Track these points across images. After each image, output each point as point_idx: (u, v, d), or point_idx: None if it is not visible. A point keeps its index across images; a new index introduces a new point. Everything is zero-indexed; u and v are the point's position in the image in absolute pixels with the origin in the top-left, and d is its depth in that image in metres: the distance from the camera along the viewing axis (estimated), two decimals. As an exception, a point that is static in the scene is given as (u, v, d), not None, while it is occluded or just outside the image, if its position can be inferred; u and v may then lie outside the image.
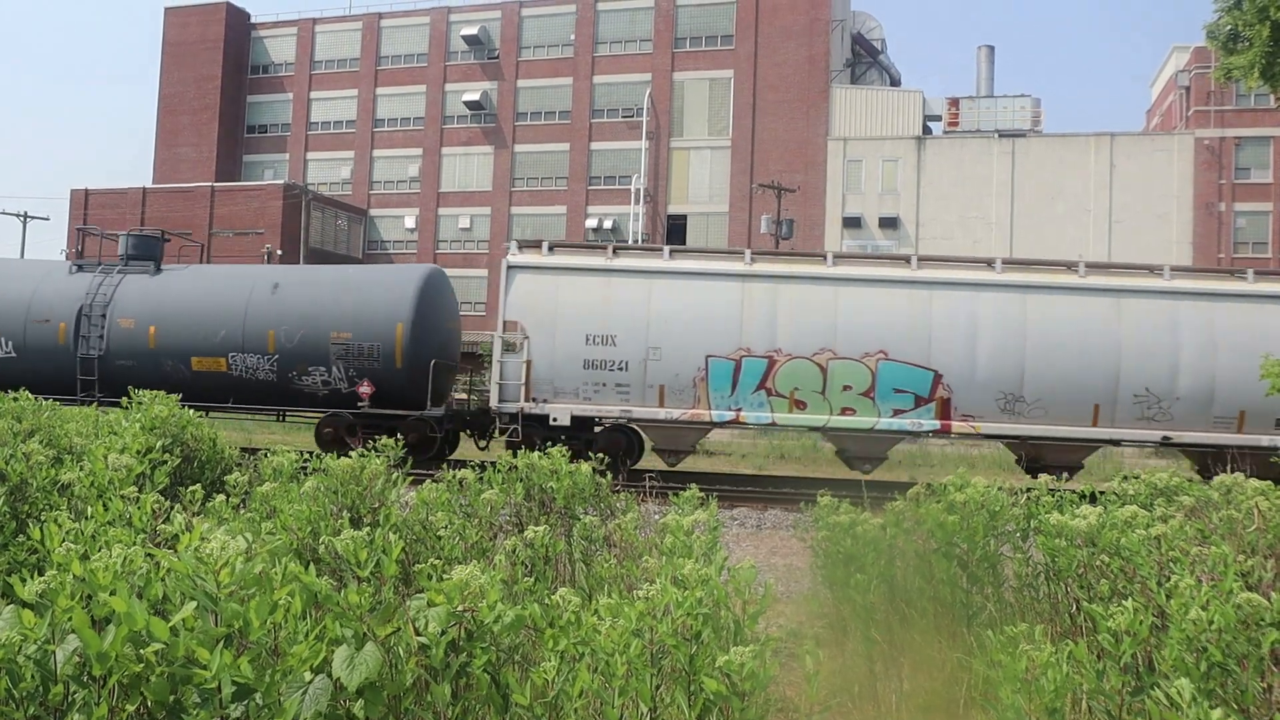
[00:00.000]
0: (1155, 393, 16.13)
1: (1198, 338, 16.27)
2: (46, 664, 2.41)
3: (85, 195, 53.61)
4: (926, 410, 16.00)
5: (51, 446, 6.20)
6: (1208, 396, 16.16)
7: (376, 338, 17.34)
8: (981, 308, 16.11)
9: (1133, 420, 16.14)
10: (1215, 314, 16.44)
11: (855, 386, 15.97)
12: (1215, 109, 44.75)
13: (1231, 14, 18.60)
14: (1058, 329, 16.09)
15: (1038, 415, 15.99)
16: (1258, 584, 3.81)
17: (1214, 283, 16.99)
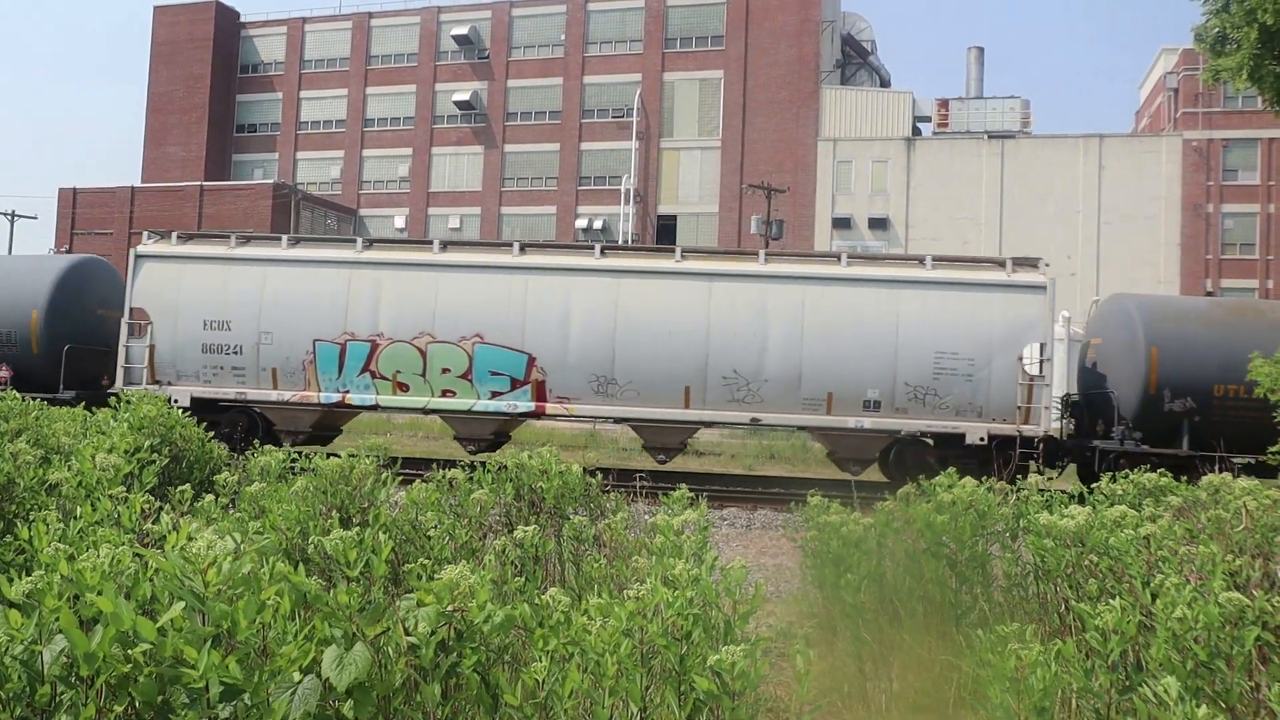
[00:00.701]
0: (743, 375, 16.34)
1: (786, 321, 16.45)
2: (33, 664, 2.40)
3: (73, 194, 53.34)
4: (523, 392, 16.41)
5: (39, 446, 6.17)
6: (795, 378, 16.35)
7: (14, 325, 18.20)
8: (575, 293, 16.46)
9: (724, 402, 16.35)
10: (805, 297, 16.58)
11: (454, 369, 16.45)
12: (1203, 111, 45.02)
13: (1219, 16, 18.68)
14: (648, 313, 16.39)
15: (630, 397, 16.32)
16: (1245, 583, 3.83)
17: (804, 266, 17.16)
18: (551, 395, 16.35)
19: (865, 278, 16.69)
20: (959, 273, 16.91)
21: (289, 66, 58.52)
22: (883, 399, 16.36)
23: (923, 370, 16.28)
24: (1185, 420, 16.27)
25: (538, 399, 16.34)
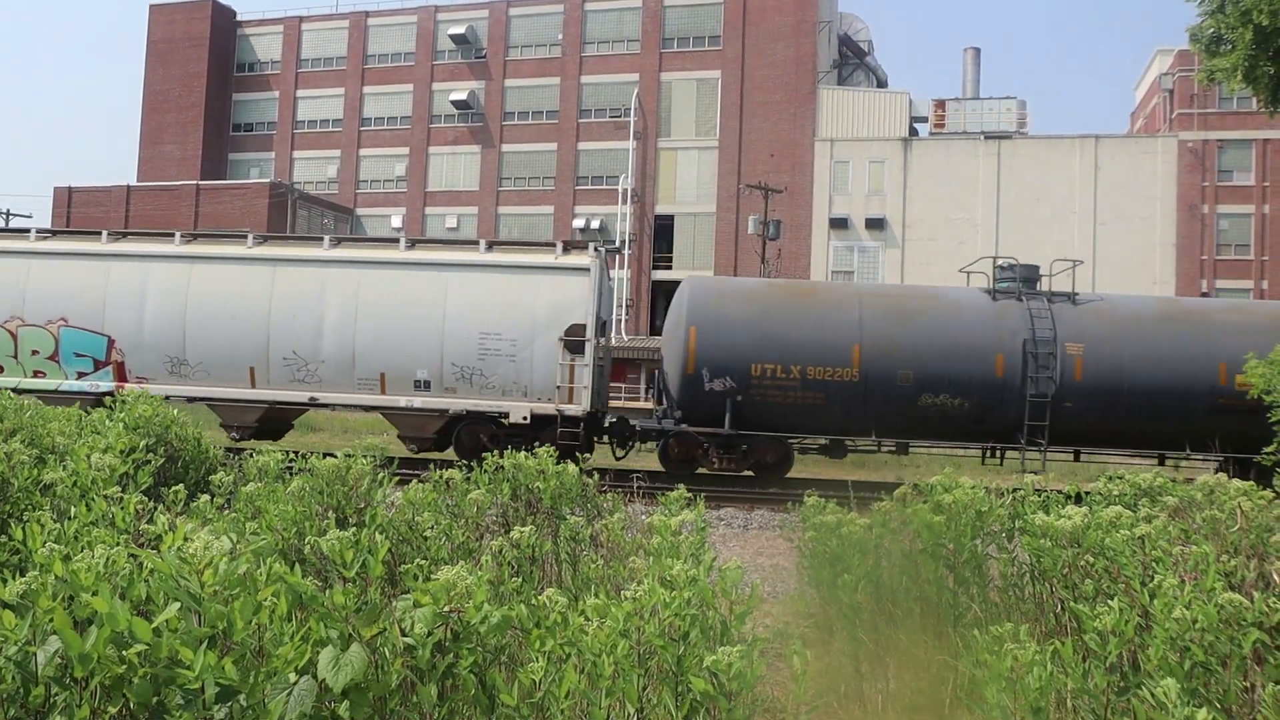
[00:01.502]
0: (302, 355, 17.26)
1: (341, 304, 17.33)
2: (27, 665, 2.39)
3: (69, 193, 53.24)
4: (105, 373, 17.51)
5: (34, 446, 6.15)
6: (350, 359, 17.20)
7: None
8: (151, 279, 17.44)
9: (286, 382, 17.28)
10: (361, 281, 17.41)
11: (42, 351, 17.63)
12: (1198, 112, 45.11)
13: (1215, 17, 18.70)
14: (217, 298, 17.41)
15: (201, 377, 17.37)
16: (1240, 584, 3.83)
17: (360, 251, 18.06)
18: (131, 375, 17.42)
19: (417, 262, 17.57)
20: (507, 256, 17.68)
21: (286, 65, 58.44)
22: (432, 379, 17.08)
23: (468, 351, 16.97)
24: (727, 399, 16.51)
25: (119, 379, 17.42)
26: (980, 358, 16.51)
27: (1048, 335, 16.62)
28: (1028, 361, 16.50)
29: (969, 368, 16.46)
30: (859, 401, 16.44)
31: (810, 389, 16.45)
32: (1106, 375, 16.52)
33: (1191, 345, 16.59)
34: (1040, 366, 16.53)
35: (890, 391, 16.39)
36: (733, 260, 49.06)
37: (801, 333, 16.55)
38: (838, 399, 16.42)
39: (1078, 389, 16.50)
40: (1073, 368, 16.55)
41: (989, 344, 16.61)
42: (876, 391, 16.40)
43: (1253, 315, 17.24)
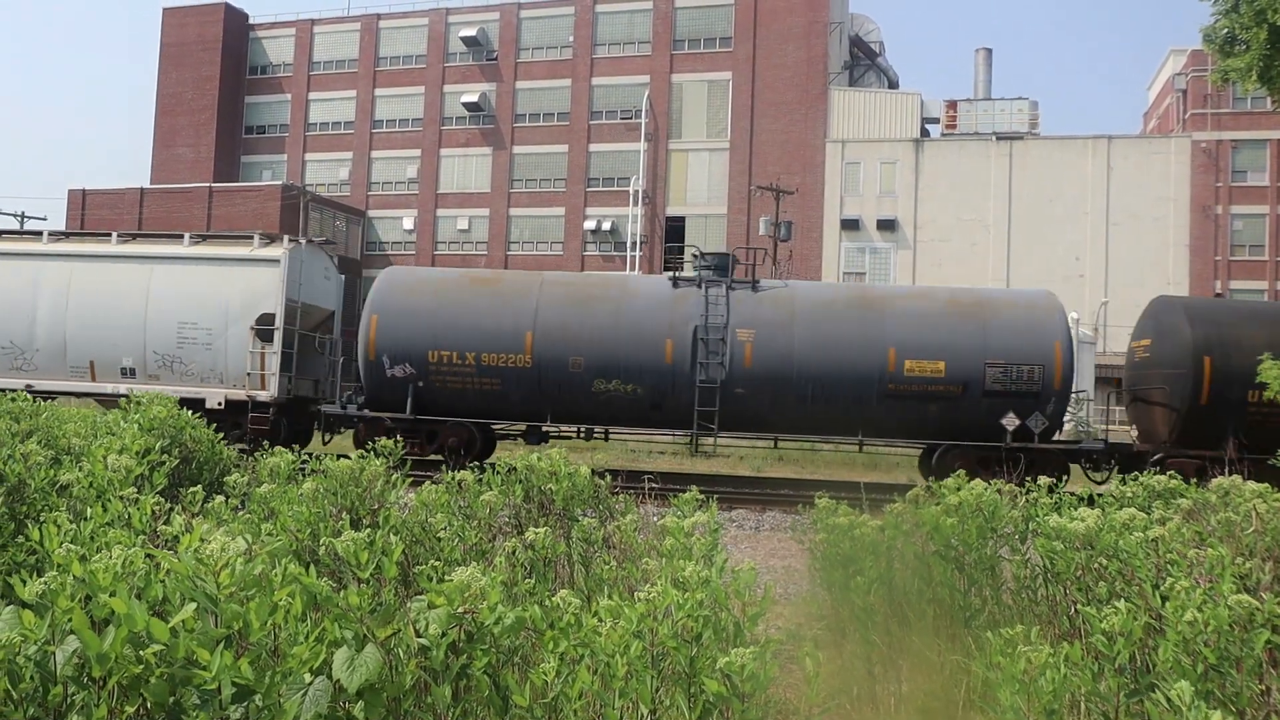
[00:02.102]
0: (19, 345, 18.53)
1: (55, 295, 18.40)
2: (46, 665, 2.41)
3: (82, 196, 53.55)
4: None
5: (50, 447, 6.19)
6: (62, 348, 18.35)
7: None
8: None
9: (7, 370, 18.43)
10: (73, 273, 18.52)
11: None
12: (1212, 112, 44.85)
13: (1229, 17, 18.60)
14: None
15: None
16: (1255, 586, 3.82)
17: (74, 245, 19.31)
18: None
19: (124, 255, 18.75)
20: (205, 249, 18.82)
21: (298, 68, 58.67)
22: (137, 366, 18.22)
23: (168, 339, 18.09)
24: (409, 385, 17.11)
25: None
26: (651, 344, 16.75)
27: (719, 321, 16.74)
28: (698, 348, 16.64)
29: (640, 354, 16.72)
30: (534, 387, 16.89)
31: (486, 375, 16.98)
32: (777, 361, 16.60)
33: (863, 331, 16.64)
34: (710, 353, 16.64)
35: (563, 377, 16.75)
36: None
37: (477, 321, 17.09)
38: (514, 385, 16.91)
39: (748, 375, 16.61)
40: (743, 354, 16.66)
41: (660, 331, 16.83)
42: (550, 377, 16.78)
43: (929, 301, 17.32)
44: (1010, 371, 16.15)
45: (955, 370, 16.23)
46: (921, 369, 16.29)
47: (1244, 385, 15.92)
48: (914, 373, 16.30)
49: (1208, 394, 16.15)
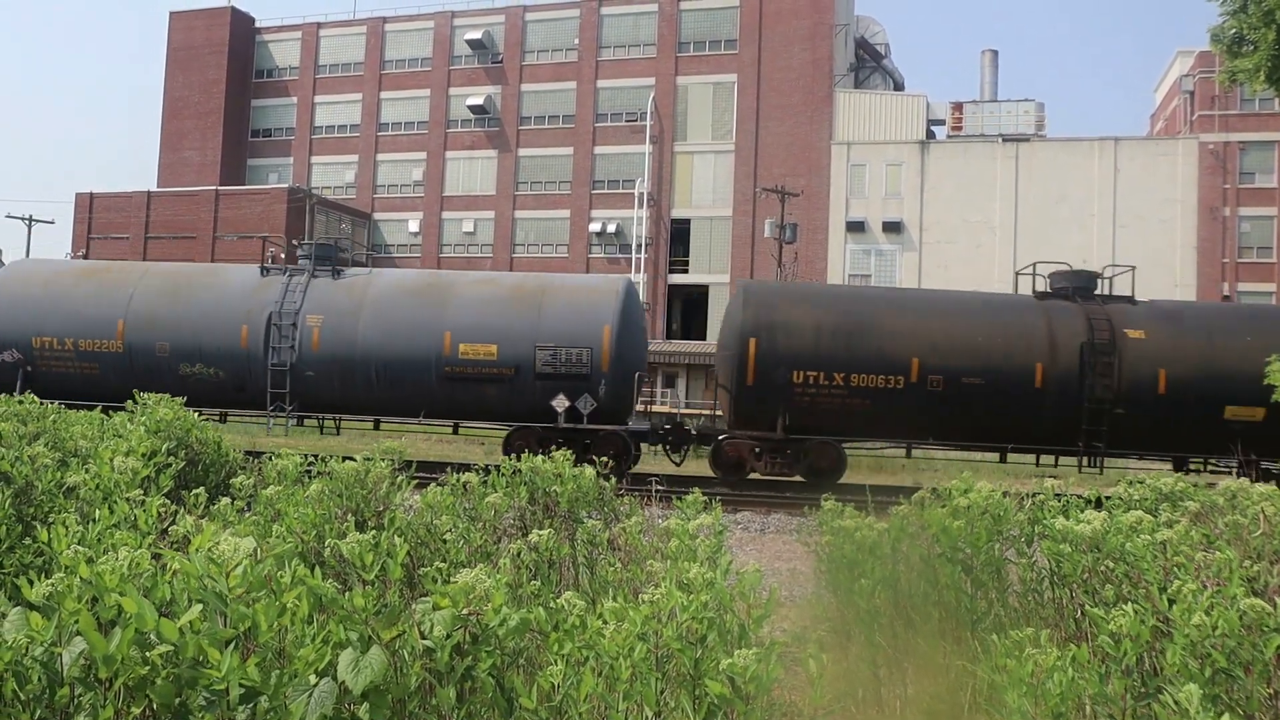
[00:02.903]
0: None
1: None
2: (53, 666, 2.42)
3: (90, 199, 53.75)
4: None
5: (57, 449, 6.21)
6: None
7: None
8: None
9: None
10: None
11: None
12: (1219, 113, 44.74)
13: (1237, 17, 18.57)
14: None
15: None
16: (1264, 589, 3.80)
17: None
18: None
19: None
20: None
21: (304, 71, 58.83)
22: None
23: None
24: (20, 370, 18.34)
25: None
26: (229, 330, 18.05)
27: (292, 308, 17.93)
28: (271, 333, 17.84)
29: (219, 339, 18.03)
30: (127, 370, 18.18)
31: (86, 360, 18.47)
32: (343, 346, 17.72)
33: (424, 317, 17.58)
34: (283, 337, 17.82)
35: (151, 362, 18.14)
36: (749, 263, 49.00)
37: (75, 309, 18.59)
38: (111, 369, 18.35)
39: (316, 358, 17.77)
40: (311, 339, 17.83)
41: (238, 317, 18.16)
42: (140, 362, 18.15)
43: (494, 287, 18.47)
44: (559, 355, 17.08)
45: (507, 353, 17.19)
46: (475, 352, 17.33)
47: (790, 366, 16.54)
48: (469, 356, 17.30)
49: (754, 374, 16.70)
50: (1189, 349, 16.67)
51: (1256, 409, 16.12)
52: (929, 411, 16.61)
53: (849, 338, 16.76)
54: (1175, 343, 16.77)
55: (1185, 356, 16.60)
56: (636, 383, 17.62)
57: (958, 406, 16.57)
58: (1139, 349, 16.73)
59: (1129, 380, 16.58)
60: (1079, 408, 16.48)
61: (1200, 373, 16.48)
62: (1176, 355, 16.64)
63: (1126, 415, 16.57)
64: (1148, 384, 16.54)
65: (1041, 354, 16.71)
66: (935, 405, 16.55)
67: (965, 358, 16.57)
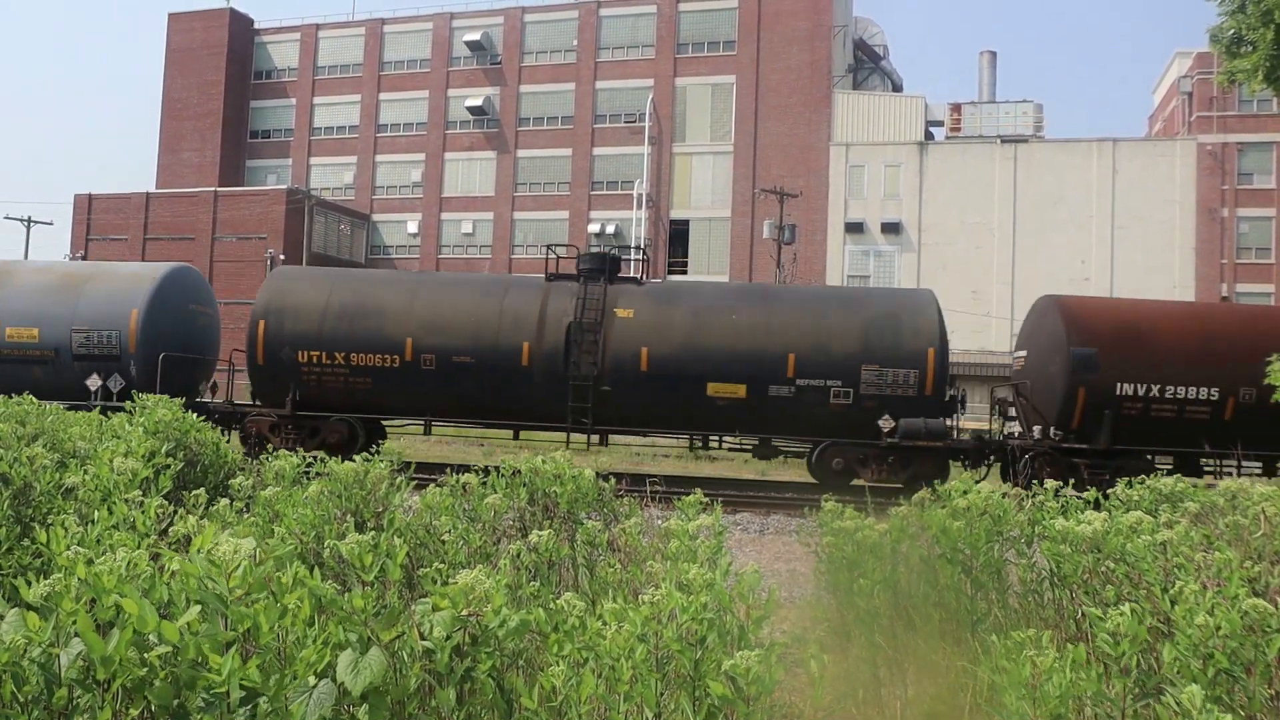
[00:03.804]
0: None
1: None
2: (51, 667, 2.41)
3: (89, 200, 53.71)
4: None
5: (55, 450, 6.20)
6: None
7: None
8: None
9: None
10: None
11: None
12: (1218, 114, 44.79)
13: (1235, 18, 18.58)
14: None
15: None
16: (1264, 590, 3.80)
17: None
18: None
19: None
20: None
21: (302, 72, 58.83)
22: None
23: None
24: None
25: None
26: None
27: None
28: None
29: None
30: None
31: None
32: None
33: None
34: None
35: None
36: (748, 265, 49.03)
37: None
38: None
39: None
40: None
41: None
42: None
43: (47, 275, 19.44)
44: (92, 337, 18.36)
45: (48, 336, 18.48)
46: (20, 335, 18.56)
47: (295, 347, 17.35)
48: (15, 339, 18.52)
49: (263, 355, 17.52)
50: (674, 328, 16.99)
51: (738, 386, 16.58)
52: (424, 389, 17.28)
53: (351, 320, 17.47)
54: (660, 322, 17.10)
55: (670, 335, 16.94)
56: (160, 364, 18.52)
57: (450, 384, 17.17)
58: (624, 328, 17.13)
59: (613, 358, 17.02)
60: (565, 385, 17.03)
61: (684, 351, 16.83)
62: (660, 334, 16.98)
63: (612, 392, 16.99)
64: (631, 362, 16.92)
65: (530, 334, 17.20)
66: (429, 383, 17.21)
67: (455, 337, 17.20)
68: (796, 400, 16.49)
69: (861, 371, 16.37)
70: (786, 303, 17.49)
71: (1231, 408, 16.34)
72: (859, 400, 16.45)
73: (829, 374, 16.43)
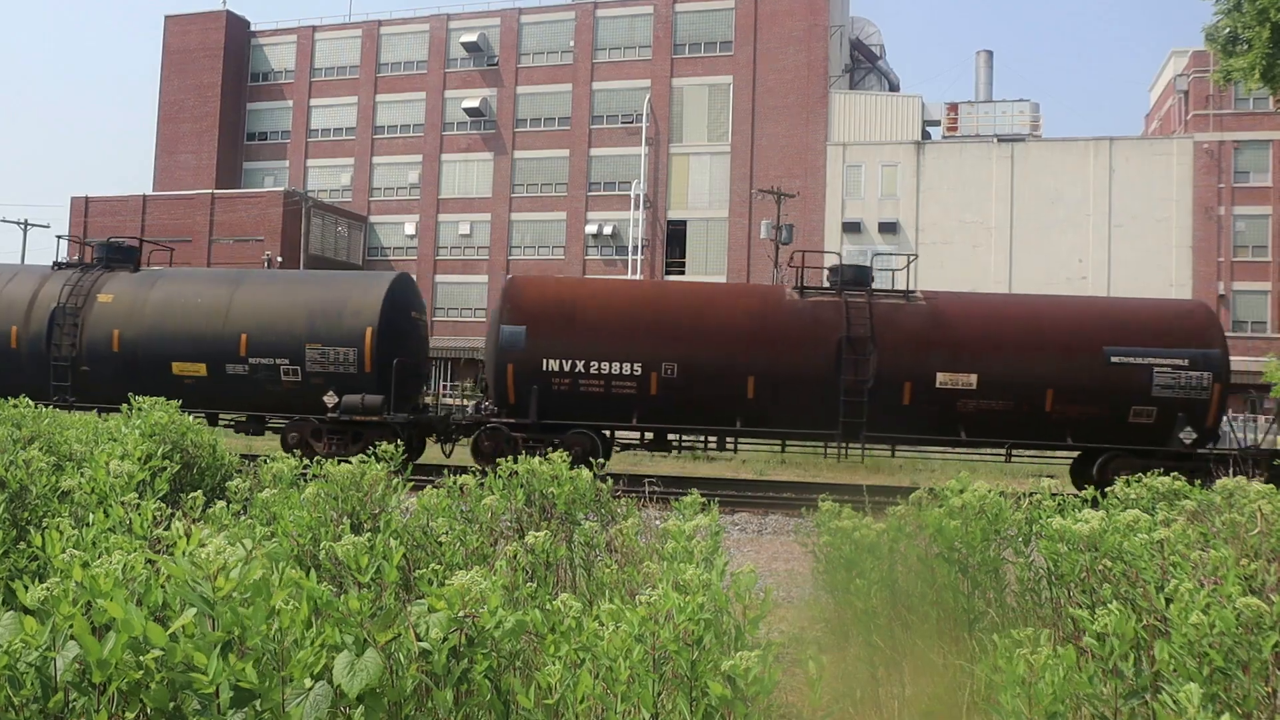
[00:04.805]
0: None
1: None
2: (47, 671, 2.41)
3: (85, 203, 53.68)
4: None
5: (51, 453, 6.19)
6: None
7: None
8: None
9: None
10: None
11: None
12: (1214, 113, 44.84)
13: (1231, 16, 18.60)
14: None
15: None
16: (1261, 588, 3.80)
17: None
18: None
19: None
20: None
21: (299, 74, 58.80)
22: None
23: None
24: None
25: None
26: None
27: None
28: None
29: None
30: None
31: None
32: None
33: None
34: None
35: None
36: (745, 265, 49.03)
37: None
38: None
39: None
40: None
41: None
42: None
43: None
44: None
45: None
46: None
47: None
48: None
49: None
50: (146, 313, 18.43)
51: (199, 365, 17.97)
52: None
53: None
54: (134, 306, 18.49)
55: (141, 319, 18.34)
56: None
57: None
58: (102, 312, 18.61)
59: (89, 340, 18.53)
60: (47, 366, 18.71)
61: (152, 333, 18.24)
62: (133, 318, 18.39)
63: (91, 371, 18.52)
64: (105, 343, 18.39)
65: (18, 319, 18.90)
66: None
67: None
68: (251, 378, 17.75)
69: (306, 350, 17.48)
70: (246, 287, 18.62)
71: (655, 382, 16.87)
72: (307, 377, 17.53)
73: (278, 353, 17.64)
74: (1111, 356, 16.45)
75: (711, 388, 16.75)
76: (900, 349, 16.72)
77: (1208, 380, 16.22)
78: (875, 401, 16.50)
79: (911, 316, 17.19)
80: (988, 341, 16.72)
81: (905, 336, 16.84)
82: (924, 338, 16.82)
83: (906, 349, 16.74)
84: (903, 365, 16.61)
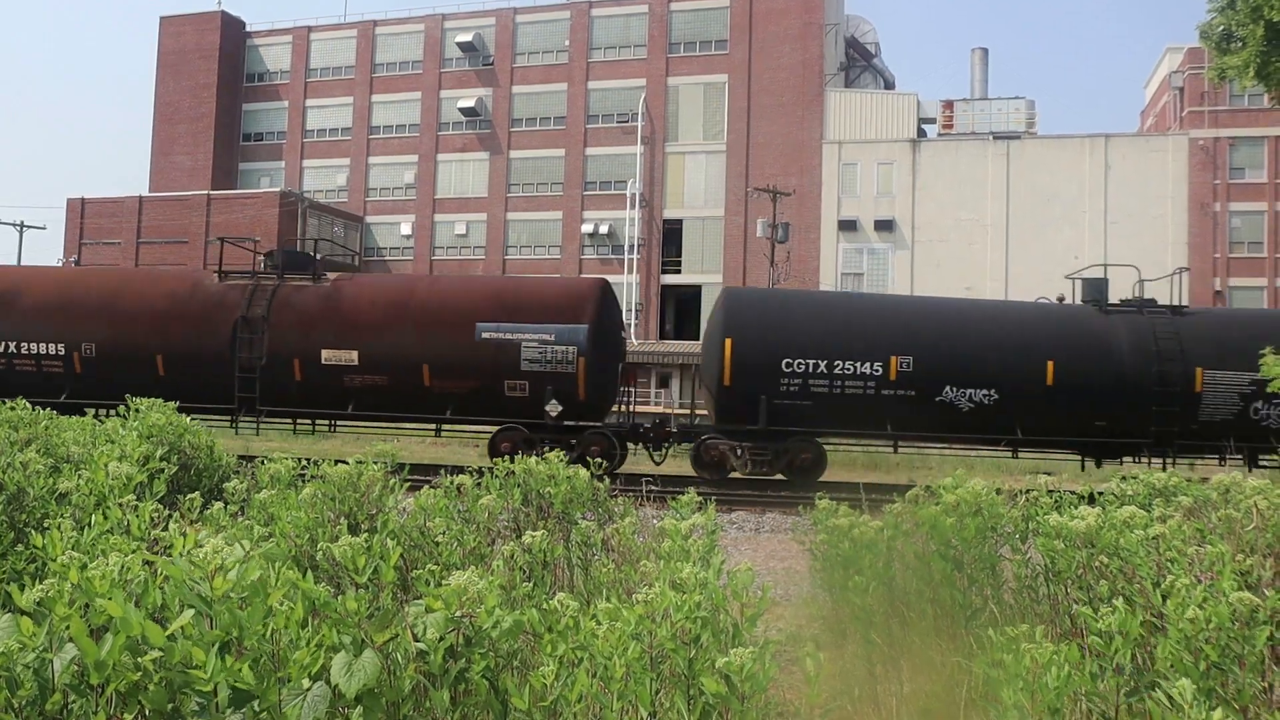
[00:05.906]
0: None
1: None
2: (44, 672, 2.41)
3: (81, 204, 53.59)
4: None
5: (49, 455, 6.19)
6: None
7: None
8: None
9: None
10: None
11: None
12: (1209, 109, 44.88)
13: (1225, 14, 18.63)
14: None
15: None
16: (1256, 583, 3.81)
17: None
18: None
19: None
20: None
21: (295, 75, 58.73)
22: None
23: None
24: None
25: None
26: None
27: None
28: None
29: None
30: None
31: None
32: None
33: None
34: None
35: None
36: (741, 264, 49.04)
37: None
38: None
39: None
40: None
41: None
42: None
43: None
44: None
45: None
46: None
47: None
48: None
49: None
50: None
51: None
52: None
53: None
54: None
55: None
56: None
57: None
58: None
59: None
60: None
61: None
62: None
63: None
64: None
65: None
66: None
67: None
68: None
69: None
70: None
71: (78, 361, 18.04)
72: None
73: None
74: (482, 333, 17.23)
75: (126, 366, 17.95)
76: (290, 328, 17.80)
77: (573, 354, 16.98)
78: (268, 377, 17.70)
79: (309, 298, 18.24)
80: (367, 321, 17.73)
81: (297, 317, 17.89)
82: (314, 318, 17.92)
83: (297, 328, 17.80)
84: (292, 344, 17.72)
